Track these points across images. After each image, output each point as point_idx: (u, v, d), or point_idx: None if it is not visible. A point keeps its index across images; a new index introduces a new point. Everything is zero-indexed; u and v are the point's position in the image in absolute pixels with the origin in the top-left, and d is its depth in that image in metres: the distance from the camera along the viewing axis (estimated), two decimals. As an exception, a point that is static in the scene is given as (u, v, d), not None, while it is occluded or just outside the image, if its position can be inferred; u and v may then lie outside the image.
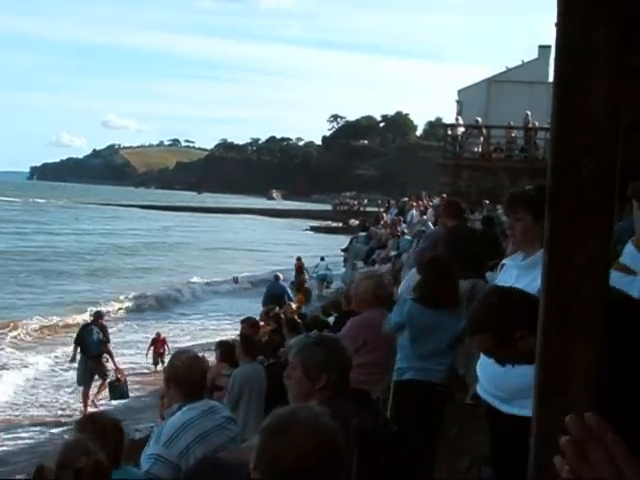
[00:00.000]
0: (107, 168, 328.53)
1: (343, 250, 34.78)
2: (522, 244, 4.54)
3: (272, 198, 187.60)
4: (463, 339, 6.31)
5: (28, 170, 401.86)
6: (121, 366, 17.16)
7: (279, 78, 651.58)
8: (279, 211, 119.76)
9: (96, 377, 16.49)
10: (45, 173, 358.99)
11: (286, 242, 66.42)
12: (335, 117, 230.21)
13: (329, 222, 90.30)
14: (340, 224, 79.68)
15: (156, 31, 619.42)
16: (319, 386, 4.01)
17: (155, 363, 19.77)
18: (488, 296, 3.52)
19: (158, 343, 20.11)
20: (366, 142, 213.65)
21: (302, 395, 4.04)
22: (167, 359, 12.17)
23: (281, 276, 25.47)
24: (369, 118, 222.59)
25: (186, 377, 4.76)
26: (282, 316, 14.59)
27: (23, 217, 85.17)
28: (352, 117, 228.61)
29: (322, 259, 33.96)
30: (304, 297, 27.69)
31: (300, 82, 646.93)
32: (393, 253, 20.41)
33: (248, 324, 12.55)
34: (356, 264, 25.14)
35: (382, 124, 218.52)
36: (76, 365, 16.64)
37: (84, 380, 16.29)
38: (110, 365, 16.56)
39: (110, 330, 18.27)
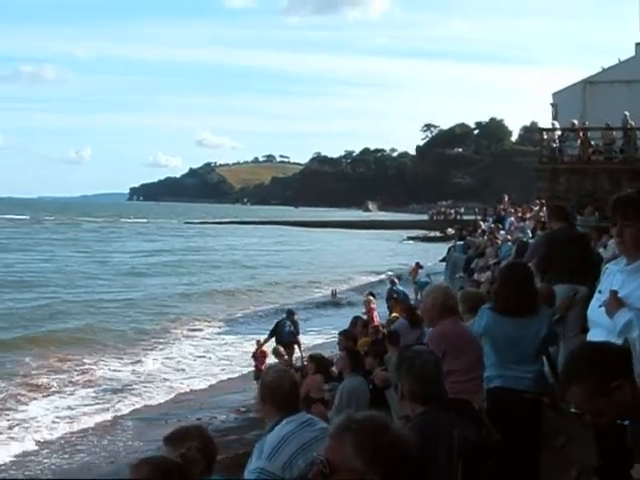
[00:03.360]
0: (203, 186, 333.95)
1: (441, 260, 34.54)
2: (633, 250, 4.42)
3: (368, 210, 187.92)
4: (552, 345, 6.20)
5: (127, 191, 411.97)
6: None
7: (370, 90, 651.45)
8: (375, 222, 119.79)
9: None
10: (144, 193, 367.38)
11: (384, 252, 66.50)
12: (428, 126, 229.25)
13: (426, 232, 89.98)
14: (437, 233, 79.28)
15: (248, 48, 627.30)
16: (399, 396, 4.01)
17: (256, 378, 20.01)
18: (580, 347, 3.44)
19: (259, 357, 20.27)
20: (460, 150, 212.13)
21: (399, 408, 4.05)
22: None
23: (396, 280, 26.61)
24: (463, 126, 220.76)
25: (278, 391, 4.82)
26: (380, 329, 14.54)
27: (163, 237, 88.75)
28: (445, 125, 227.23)
29: (418, 264, 33.74)
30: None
31: (391, 93, 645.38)
32: (492, 261, 20.17)
33: (345, 336, 12.55)
34: (455, 273, 24.96)
35: (476, 131, 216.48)
36: None
37: None
38: (297, 354, 19.37)
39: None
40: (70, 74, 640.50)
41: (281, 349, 17.97)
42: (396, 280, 26.49)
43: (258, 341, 19.40)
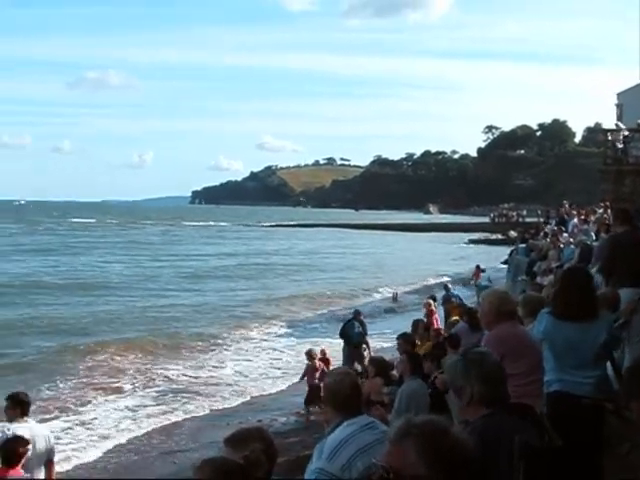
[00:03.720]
0: (264, 189, 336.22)
1: (503, 263, 34.22)
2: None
3: (429, 212, 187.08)
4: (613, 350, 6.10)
5: (190, 194, 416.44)
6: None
7: (431, 92, 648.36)
8: (436, 225, 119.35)
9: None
10: (206, 197, 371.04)
11: (445, 255, 66.21)
12: (490, 128, 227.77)
13: (487, 234, 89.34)
14: (499, 236, 78.58)
15: (309, 52, 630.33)
16: (466, 400, 3.98)
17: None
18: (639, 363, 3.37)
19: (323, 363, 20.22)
20: (523, 152, 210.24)
21: (460, 412, 4.02)
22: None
23: (450, 285, 26.42)
24: (525, 127, 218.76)
25: (339, 393, 4.84)
26: (442, 332, 14.48)
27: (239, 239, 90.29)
28: (507, 127, 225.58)
29: (479, 268, 33.49)
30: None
31: (452, 94, 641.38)
32: (555, 264, 19.90)
33: (404, 340, 12.51)
34: (517, 276, 24.68)
35: (539, 133, 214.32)
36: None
37: (347, 364, 18.54)
38: (366, 353, 19.34)
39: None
40: (134, 80, 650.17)
41: (314, 351, 17.90)
42: (449, 285, 26.36)
43: (323, 350, 19.21)
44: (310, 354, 17.67)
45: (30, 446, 7.95)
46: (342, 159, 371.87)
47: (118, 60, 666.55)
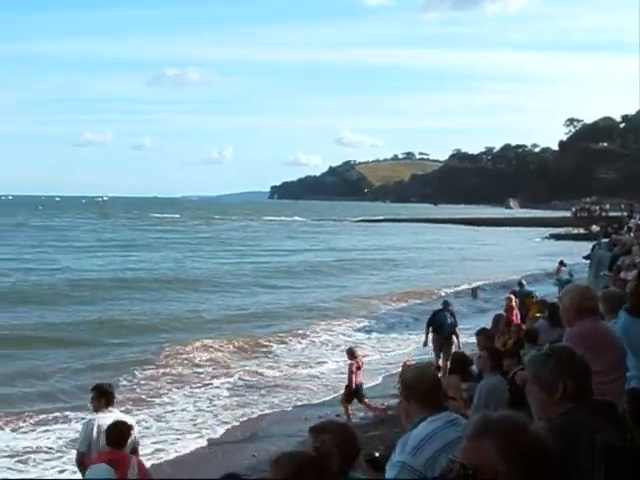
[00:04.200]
0: (343, 184, 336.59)
1: (585, 258, 33.66)
2: None
3: (509, 207, 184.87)
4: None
5: (268, 190, 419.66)
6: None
7: (510, 85, 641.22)
8: (517, 219, 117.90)
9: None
10: (284, 191, 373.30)
11: (526, 250, 65.42)
12: (571, 121, 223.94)
13: (569, 229, 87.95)
14: (581, 230, 77.32)
15: (386, 46, 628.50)
16: (557, 397, 3.94)
17: None
18: None
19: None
20: (606, 144, 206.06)
21: (542, 408, 3.98)
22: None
23: (524, 282, 26.39)
24: (608, 119, 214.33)
25: (418, 387, 4.82)
26: (522, 327, 14.32)
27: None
28: (589, 119, 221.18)
29: (562, 263, 33.01)
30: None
31: (531, 87, 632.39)
32: (639, 259, 19.52)
33: (484, 336, 12.41)
34: (599, 271, 24.28)
35: (622, 125, 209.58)
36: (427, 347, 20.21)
37: (436, 355, 19.70)
38: (454, 346, 19.43)
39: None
40: (212, 76, 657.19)
41: (356, 350, 17.52)
42: (524, 282, 26.23)
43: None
44: (352, 352, 17.06)
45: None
46: (421, 153, 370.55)
47: (197, 57, 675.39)
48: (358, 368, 16.59)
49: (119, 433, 8.07)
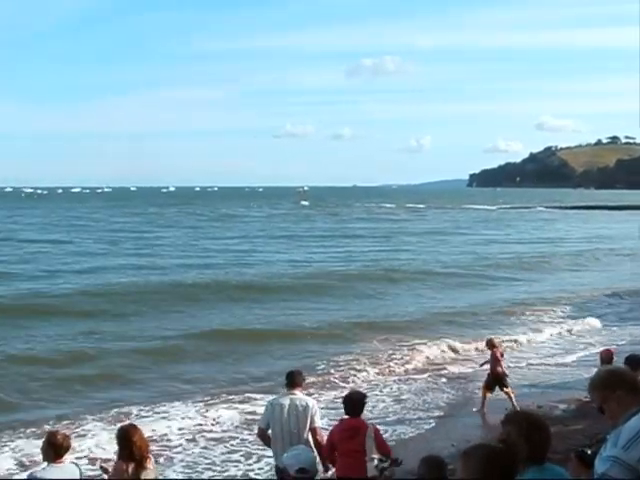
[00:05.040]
0: (543, 171, 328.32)
1: None
2: None
3: None
4: None
5: (467, 178, 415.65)
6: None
7: None
8: None
9: None
10: (484, 179, 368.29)
11: None
12: None
13: None
14: None
15: (592, 27, 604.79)
16: None
17: None
18: None
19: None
20: None
21: None
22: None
23: None
24: None
25: (627, 378, 4.69)
26: None
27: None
28: None
29: None
30: None
31: None
32: None
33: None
34: None
35: None
36: None
37: None
38: None
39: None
40: (408, 65, 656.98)
41: (494, 339, 17.43)
42: None
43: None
44: (492, 342, 17.08)
45: None
46: (627, 137, 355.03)
47: (393, 46, 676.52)
48: (501, 356, 16.79)
49: (353, 403, 9.17)
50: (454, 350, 22.30)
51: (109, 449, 12.57)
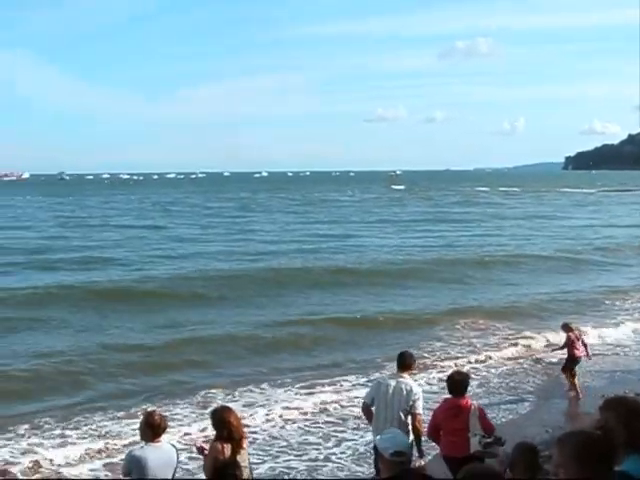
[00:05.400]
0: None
1: None
2: None
3: None
4: None
5: (562, 160, 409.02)
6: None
7: None
8: None
9: None
10: (579, 162, 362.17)
11: None
12: None
13: None
14: None
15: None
16: None
17: None
18: None
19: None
20: None
21: None
22: None
23: None
24: None
25: None
26: None
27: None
28: None
29: None
30: None
31: None
32: None
33: None
34: None
35: None
36: None
37: None
38: None
39: None
40: (501, 47, 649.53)
41: (571, 324, 17.20)
42: None
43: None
44: (567, 326, 16.91)
45: None
46: None
47: (486, 28, 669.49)
48: (577, 339, 16.65)
49: (456, 383, 9.55)
50: (547, 339, 21.64)
51: (199, 433, 13.08)
